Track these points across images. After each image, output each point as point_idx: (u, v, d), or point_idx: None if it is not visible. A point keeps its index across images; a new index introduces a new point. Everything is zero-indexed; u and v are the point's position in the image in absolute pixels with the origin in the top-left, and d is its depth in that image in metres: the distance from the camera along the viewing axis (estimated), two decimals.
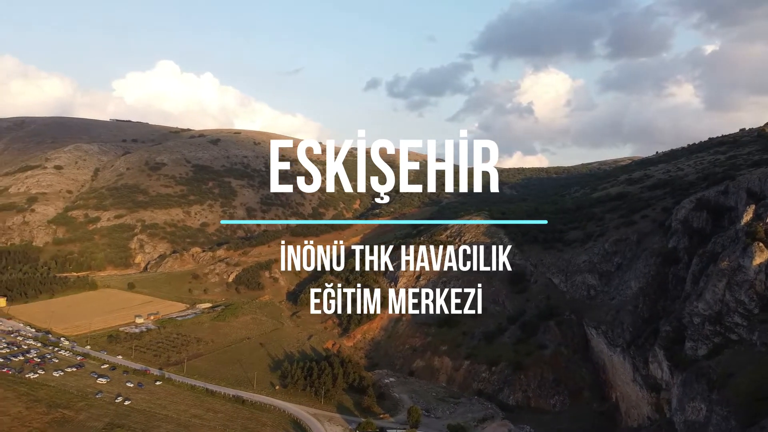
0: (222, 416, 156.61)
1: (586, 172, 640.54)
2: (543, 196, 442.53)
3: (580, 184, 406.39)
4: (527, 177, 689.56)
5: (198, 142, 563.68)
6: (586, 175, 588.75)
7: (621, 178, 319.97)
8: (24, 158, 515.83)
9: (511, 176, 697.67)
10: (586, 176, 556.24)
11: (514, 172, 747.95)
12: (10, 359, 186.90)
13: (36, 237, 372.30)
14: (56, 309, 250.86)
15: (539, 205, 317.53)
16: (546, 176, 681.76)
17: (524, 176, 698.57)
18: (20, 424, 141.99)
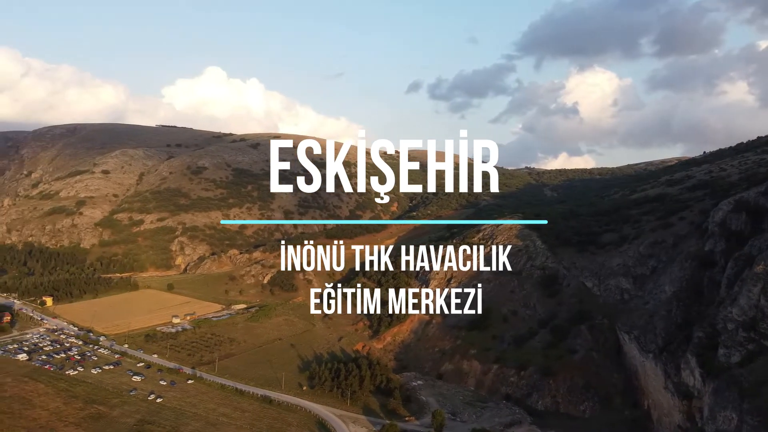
0: (249, 415, 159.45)
1: (632, 173, 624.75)
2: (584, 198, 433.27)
3: (621, 186, 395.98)
4: (569, 179, 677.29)
5: (238, 146, 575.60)
6: (630, 176, 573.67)
7: (662, 179, 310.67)
8: (74, 163, 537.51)
9: (553, 178, 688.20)
10: (629, 177, 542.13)
11: (555, 173, 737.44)
12: (53, 356, 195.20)
13: (83, 239, 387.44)
14: (98, 309, 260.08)
15: (576, 207, 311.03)
16: (589, 177, 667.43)
17: (566, 178, 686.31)
18: (57, 419, 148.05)
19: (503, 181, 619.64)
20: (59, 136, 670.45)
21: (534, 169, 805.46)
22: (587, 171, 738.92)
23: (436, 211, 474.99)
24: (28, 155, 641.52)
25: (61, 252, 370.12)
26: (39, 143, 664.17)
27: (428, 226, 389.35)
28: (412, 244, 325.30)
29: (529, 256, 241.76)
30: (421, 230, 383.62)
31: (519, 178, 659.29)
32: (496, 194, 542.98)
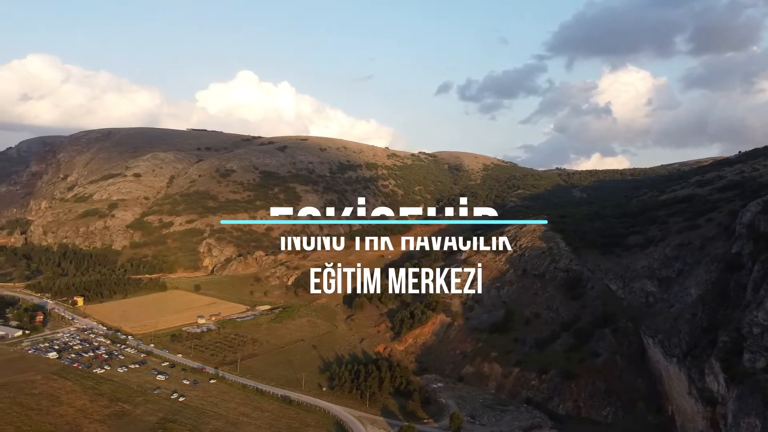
0: (269, 415, 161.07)
1: (665, 173, 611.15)
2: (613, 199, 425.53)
3: (651, 187, 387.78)
4: (600, 179, 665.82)
5: (266, 149, 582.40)
6: (662, 177, 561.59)
7: (692, 179, 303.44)
8: (108, 167, 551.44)
9: (583, 179, 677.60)
10: (661, 178, 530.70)
11: (586, 174, 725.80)
12: (82, 355, 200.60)
13: (115, 241, 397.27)
14: (127, 309, 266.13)
15: (602, 208, 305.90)
16: (620, 178, 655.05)
17: (596, 179, 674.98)
18: (83, 416, 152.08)
19: (532, 182, 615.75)
20: (94, 140, 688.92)
21: (564, 170, 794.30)
22: (618, 172, 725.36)
23: None
24: (64, 159, 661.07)
25: (93, 253, 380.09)
26: (75, 147, 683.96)
27: (452, 228, 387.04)
28: None
29: (553, 258, 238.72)
30: (446, 232, 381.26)
31: (548, 179, 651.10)
32: (524, 195, 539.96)
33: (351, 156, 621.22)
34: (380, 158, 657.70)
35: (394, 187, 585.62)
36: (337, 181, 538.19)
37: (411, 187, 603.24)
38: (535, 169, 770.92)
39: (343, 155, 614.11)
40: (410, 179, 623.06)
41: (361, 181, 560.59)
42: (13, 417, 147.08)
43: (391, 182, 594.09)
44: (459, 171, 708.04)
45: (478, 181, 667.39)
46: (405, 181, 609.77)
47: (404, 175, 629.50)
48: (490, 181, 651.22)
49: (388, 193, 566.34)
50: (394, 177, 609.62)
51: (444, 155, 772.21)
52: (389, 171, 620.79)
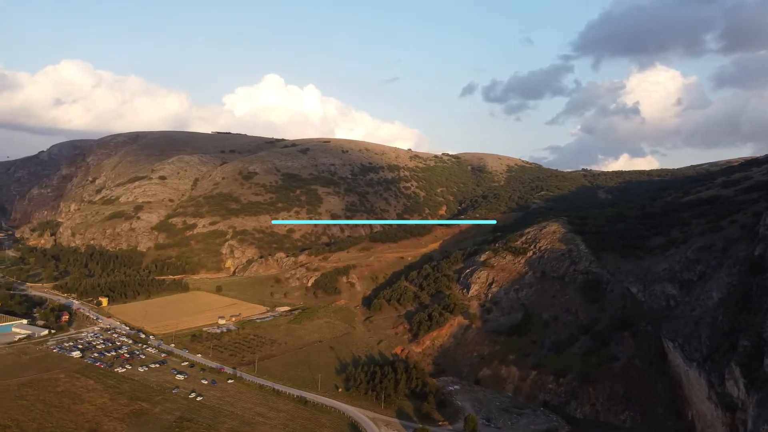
0: (284, 415, 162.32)
1: (693, 174, 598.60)
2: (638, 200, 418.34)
3: (676, 188, 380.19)
4: (625, 180, 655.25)
5: (288, 151, 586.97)
6: (690, 177, 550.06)
7: (718, 180, 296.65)
8: (134, 170, 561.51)
9: (609, 180, 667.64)
10: (689, 179, 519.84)
11: (611, 175, 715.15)
12: (104, 354, 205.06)
13: (140, 242, 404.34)
14: (150, 309, 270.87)
15: (624, 210, 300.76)
16: (647, 179, 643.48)
17: (622, 180, 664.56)
18: (103, 414, 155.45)
19: (555, 184, 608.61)
20: (122, 143, 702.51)
21: (590, 171, 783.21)
22: (645, 173, 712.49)
23: (484, 214, 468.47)
24: (93, 162, 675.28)
25: (119, 254, 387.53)
26: (103, 151, 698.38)
27: (473, 230, 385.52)
28: (456, 247, 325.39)
29: (572, 261, 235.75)
30: (467, 234, 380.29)
31: (572, 181, 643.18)
32: (547, 197, 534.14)
33: (373, 158, 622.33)
34: (403, 160, 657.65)
35: (416, 189, 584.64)
36: (358, 183, 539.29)
37: (433, 189, 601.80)
38: (560, 170, 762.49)
39: (366, 157, 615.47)
40: (432, 181, 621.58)
41: (382, 182, 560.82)
42: (36, 414, 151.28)
43: (413, 184, 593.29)
44: (482, 172, 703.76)
45: (501, 182, 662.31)
46: (427, 183, 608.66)
47: (427, 176, 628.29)
48: (513, 183, 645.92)
49: (410, 195, 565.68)
50: (417, 179, 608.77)
51: (467, 156, 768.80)
52: (411, 173, 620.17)
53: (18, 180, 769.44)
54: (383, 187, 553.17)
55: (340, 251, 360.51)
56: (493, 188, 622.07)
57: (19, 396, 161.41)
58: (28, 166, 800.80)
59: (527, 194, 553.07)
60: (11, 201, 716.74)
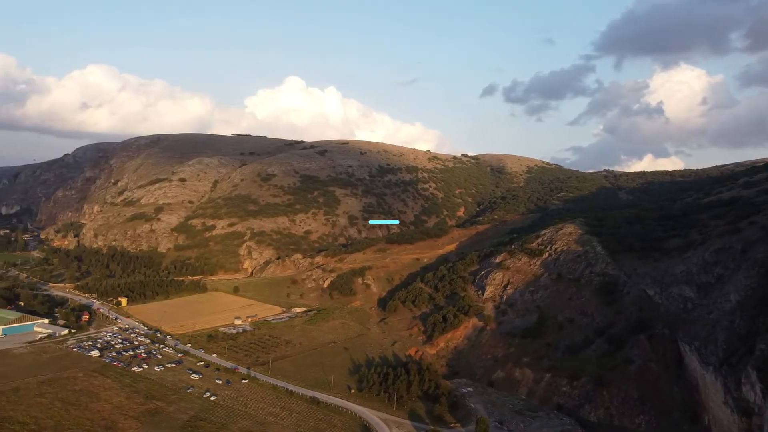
0: (296, 416, 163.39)
1: (717, 175, 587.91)
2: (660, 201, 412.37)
3: (698, 189, 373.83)
4: (647, 181, 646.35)
5: (307, 153, 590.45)
6: (713, 178, 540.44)
7: (740, 181, 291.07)
8: (155, 172, 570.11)
9: (630, 181, 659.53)
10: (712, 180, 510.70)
11: (633, 176, 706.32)
12: (122, 354, 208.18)
13: (160, 243, 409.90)
14: (168, 309, 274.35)
15: (642, 211, 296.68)
16: (669, 180, 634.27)
17: (644, 180, 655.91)
18: (118, 412, 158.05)
19: (575, 185, 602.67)
20: (144, 146, 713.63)
21: (611, 171, 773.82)
22: (668, 173, 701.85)
23: (503, 215, 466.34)
24: (116, 165, 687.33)
25: (139, 255, 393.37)
26: (126, 153, 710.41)
27: (491, 232, 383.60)
28: (472, 249, 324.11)
29: (589, 262, 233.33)
30: (484, 235, 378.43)
31: (592, 182, 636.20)
32: (567, 198, 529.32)
33: (391, 159, 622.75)
34: (421, 161, 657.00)
35: (434, 190, 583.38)
36: (376, 184, 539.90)
37: (451, 190, 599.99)
38: (580, 171, 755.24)
39: (384, 158, 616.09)
40: (451, 182, 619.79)
41: (400, 184, 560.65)
42: (54, 412, 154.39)
43: (431, 185, 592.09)
44: (501, 173, 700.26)
45: (521, 183, 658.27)
46: (446, 184, 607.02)
47: (445, 178, 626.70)
48: (533, 184, 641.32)
49: (428, 196, 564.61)
50: (435, 180, 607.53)
51: (487, 157, 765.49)
52: (430, 174, 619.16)
53: (44, 182, 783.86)
54: (401, 188, 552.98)
55: (356, 252, 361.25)
56: (512, 189, 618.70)
57: (38, 394, 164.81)
58: (54, 169, 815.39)
59: (546, 195, 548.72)
60: (37, 203, 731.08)
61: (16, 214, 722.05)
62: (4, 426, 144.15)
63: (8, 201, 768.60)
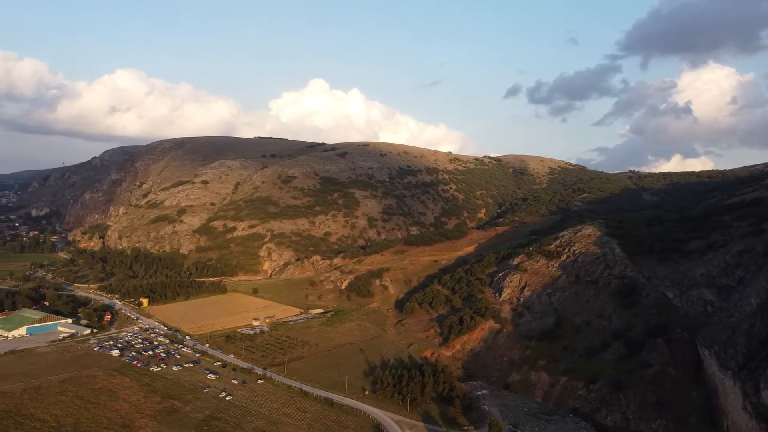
0: (310, 416, 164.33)
1: (745, 175, 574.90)
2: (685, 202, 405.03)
3: (723, 189, 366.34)
4: (673, 182, 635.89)
5: (327, 155, 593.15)
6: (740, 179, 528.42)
7: (765, 181, 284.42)
8: (179, 174, 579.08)
9: (655, 182, 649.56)
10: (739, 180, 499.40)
11: (659, 177, 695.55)
12: (142, 353, 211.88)
13: (182, 245, 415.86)
14: (187, 310, 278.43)
15: (663, 212, 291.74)
16: (696, 181, 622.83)
17: (670, 181, 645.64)
18: (136, 411, 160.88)
19: (598, 186, 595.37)
20: (168, 149, 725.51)
21: (636, 172, 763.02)
22: (694, 174, 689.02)
23: (523, 217, 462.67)
24: (141, 167, 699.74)
25: (162, 257, 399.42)
26: (150, 156, 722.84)
27: (510, 233, 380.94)
28: (491, 250, 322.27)
29: (607, 264, 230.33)
30: (503, 237, 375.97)
31: (616, 183, 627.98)
32: (589, 199, 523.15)
33: (412, 161, 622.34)
34: (442, 163, 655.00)
35: (455, 192, 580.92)
36: (396, 186, 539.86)
37: (472, 192, 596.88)
38: (604, 172, 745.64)
39: (404, 160, 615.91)
40: (472, 183, 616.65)
41: (420, 185, 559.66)
42: (73, 410, 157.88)
43: (452, 187, 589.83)
44: (523, 175, 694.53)
45: (543, 184, 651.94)
46: (467, 186, 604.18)
47: (466, 179, 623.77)
48: (555, 185, 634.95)
49: (448, 198, 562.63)
50: (456, 181, 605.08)
51: (509, 159, 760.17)
52: (450, 175, 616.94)
53: (72, 185, 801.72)
54: (421, 190, 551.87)
55: (374, 254, 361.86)
56: (533, 191, 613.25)
57: (59, 392, 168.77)
58: (82, 172, 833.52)
59: (568, 196, 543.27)
60: (66, 205, 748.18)
61: (46, 216, 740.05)
62: (26, 423, 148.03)
63: (38, 203, 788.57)
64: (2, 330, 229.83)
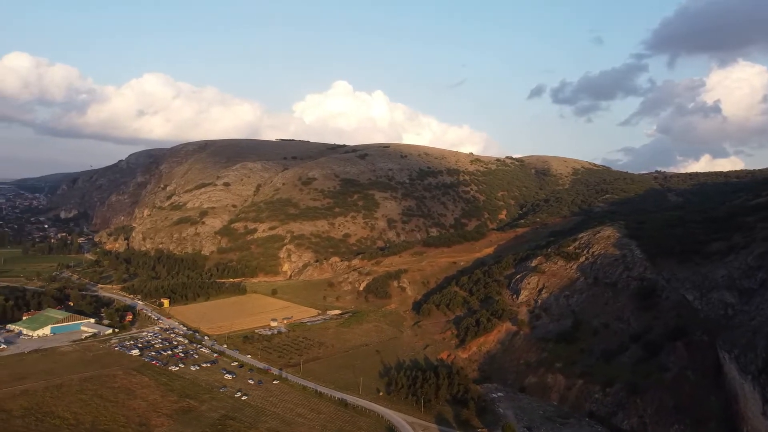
0: (323, 417, 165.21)
1: None
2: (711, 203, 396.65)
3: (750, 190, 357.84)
4: (700, 182, 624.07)
5: (347, 157, 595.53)
6: None
7: None
8: (201, 176, 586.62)
9: (682, 182, 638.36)
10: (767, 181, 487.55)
11: (685, 177, 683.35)
12: (161, 353, 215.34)
13: (204, 246, 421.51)
14: (207, 311, 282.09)
15: (685, 213, 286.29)
16: (724, 181, 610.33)
17: (696, 182, 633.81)
18: (153, 410, 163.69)
19: (622, 186, 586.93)
20: (191, 152, 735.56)
21: (663, 172, 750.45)
22: (722, 174, 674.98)
23: (544, 218, 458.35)
24: (165, 170, 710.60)
25: (184, 258, 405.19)
26: (175, 159, 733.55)
27: (530, 235, 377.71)
28: (510, 252, 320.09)
29: (626, 266, 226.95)
30: (523, 238, 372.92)
31: (640, 183, 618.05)
32: (612, 200, 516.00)
33: (432, 162, 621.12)
34: (463, 164, 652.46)
35: (476, 193, 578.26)
36: (416, 187, 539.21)
37: (494, 193, 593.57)
38: (629, 173, 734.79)
39: (424, 161, 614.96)
40: (493, 185, 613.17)
41: (440, 187, 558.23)
42: (92, 408, 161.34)
43: (473, 188, 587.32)
44: (546, 176, 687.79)
45: (566, 185, 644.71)
46: (488, 187, 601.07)
47: (487, 180, 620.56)
48: (578, 186, 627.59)
49: (469, 199, 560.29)
50: (477, 183, 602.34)
51: (531, 160, 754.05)
52: (471, 177, 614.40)
53: (99, 187, 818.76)
54: (441, 191, 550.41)
55: (392, 256, 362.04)
56: (556, 192, 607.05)
57: (79, 390, 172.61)
58: (108, 175, 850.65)
59: (591, 197, 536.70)
60: (93, 207, 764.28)
61: (74, 217, 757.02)
62: (46, 420, 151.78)
63: (67, 205, 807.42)
64: (28, 329, 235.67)
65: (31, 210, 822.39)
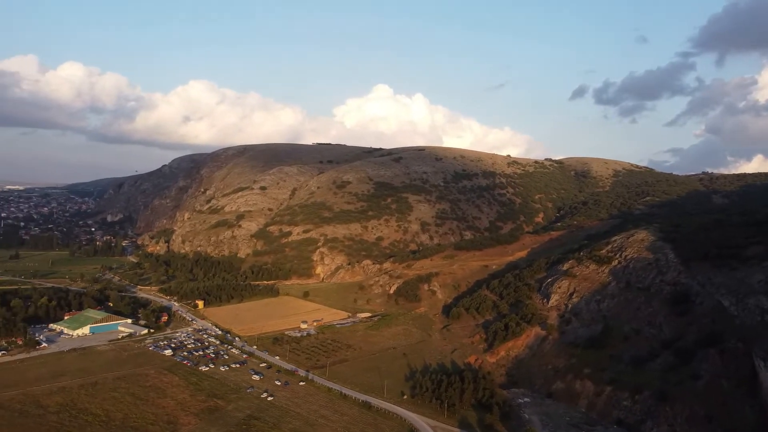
0: (347, 419, 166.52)
1: None
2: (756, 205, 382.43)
3: None
4: (747, 184, 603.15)
5: (382, 160, 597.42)
6: None
7: None
8: (239, 181, 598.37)
9: (728, 183, 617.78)
10: None
11: (732, 178, 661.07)
12: (192, 353, 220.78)
13: (240, 249, 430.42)
14: (239, 312, 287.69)
15: (725, 216, 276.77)
16: None
17: (744, 183, 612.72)
18: (180, 408, 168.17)
19: (664, 189, 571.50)
20: (231, 156, 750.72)
21: (709, 174, 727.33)
22: None
23: (582, 221, 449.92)
24: (205, 174, 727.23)
25: (221, 260, 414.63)
26: (215, 163, 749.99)
27: (564, 238, 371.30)
28: (543, 255, 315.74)
29: (660, 271, 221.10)
30: (557, 242, 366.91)
31: (683, 185, 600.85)
32: (653, 203, 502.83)
33: (468, 165, 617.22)
34: (499, 166, 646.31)
35: (512, 196, 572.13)
36: (450, 190, 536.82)
37: (530, 195, 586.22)
38: (673, 174, 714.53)
39: (459, 164, 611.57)
40: (530, 187, 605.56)
41: (476, 189, 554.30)
42: (123, 405, 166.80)
43: (509, 190, 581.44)
44: (586, 178, 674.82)
45: (606, 188, 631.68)
46: (525, 189, 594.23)
47: (524, 183, 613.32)
48: (618, 188, 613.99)
49: (505, 202, 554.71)
50: (513, 185, 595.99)
51: (571, 161, 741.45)
52: (508, 179, 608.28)
53: (143, 192, 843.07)
54: (476, 194, 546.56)
55: (423, 259, 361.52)
56: (595, 194, 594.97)
57: (113, 388, 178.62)
58: (152, 179, 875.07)
59: (630, 200, 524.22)
60: (137, 211, 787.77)
61: (120, 221, 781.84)
62: (80, 417, 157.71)
63: (113, 209, 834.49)
64: (68, 329, 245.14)
65: (80, 214, 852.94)
